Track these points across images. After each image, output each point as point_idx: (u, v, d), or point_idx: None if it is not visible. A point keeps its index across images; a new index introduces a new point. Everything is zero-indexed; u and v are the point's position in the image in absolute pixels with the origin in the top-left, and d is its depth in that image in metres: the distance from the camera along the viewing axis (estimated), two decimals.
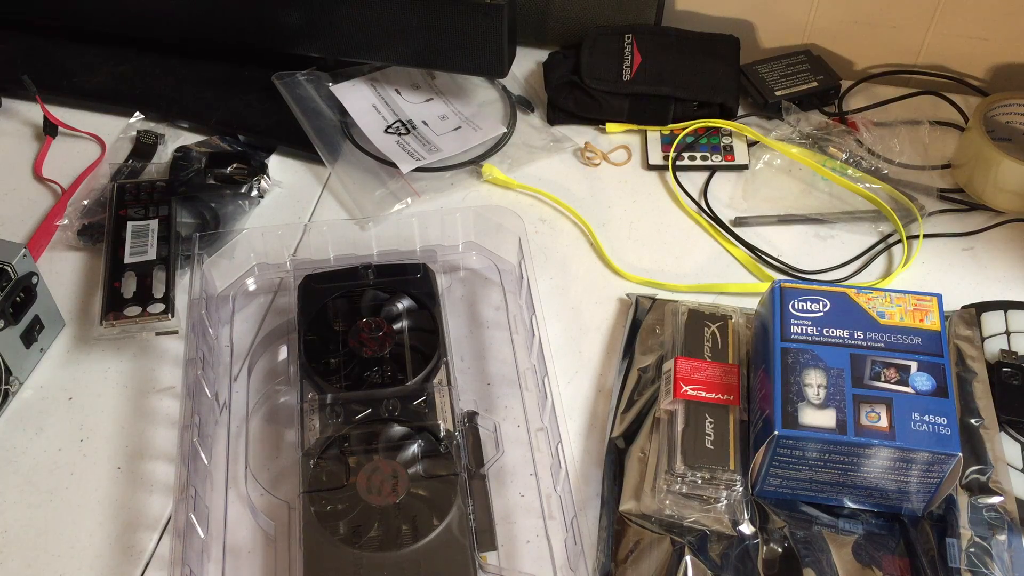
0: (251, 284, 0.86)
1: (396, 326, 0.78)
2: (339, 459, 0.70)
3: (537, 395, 0.77)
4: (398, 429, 0.72)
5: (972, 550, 0.67)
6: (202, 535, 0.69)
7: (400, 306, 0.80)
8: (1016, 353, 0.79)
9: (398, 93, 1.02)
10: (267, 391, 0.79)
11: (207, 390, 0.77)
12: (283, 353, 0.81)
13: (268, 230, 0.85)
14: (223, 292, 0.85)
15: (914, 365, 0.68)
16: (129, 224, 0.88)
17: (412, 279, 0.81)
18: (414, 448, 0.71)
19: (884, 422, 0.66)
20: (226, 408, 0.78)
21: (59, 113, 1.01)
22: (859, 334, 0.70)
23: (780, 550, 0.69)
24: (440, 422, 0.72)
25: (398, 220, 0.87)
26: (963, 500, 0.69)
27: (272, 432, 0.77)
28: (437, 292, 0.81)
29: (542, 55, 1.07)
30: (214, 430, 0.76)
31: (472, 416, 0.75)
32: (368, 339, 0.77)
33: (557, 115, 1.02)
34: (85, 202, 0.92)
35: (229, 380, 0.80)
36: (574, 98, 1.01)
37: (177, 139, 1.00)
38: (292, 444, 0.75)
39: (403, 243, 0.86)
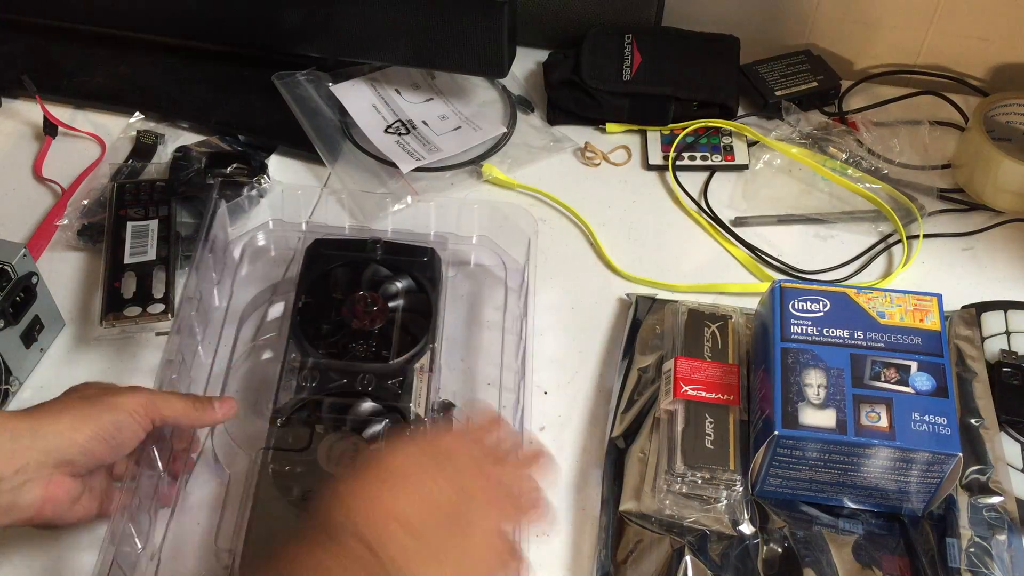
0: (262, 238, 0.87)
1: (391, 304, 0.78)
2: (307, 423, 0.71)
3: (514, 401, 0.76)
4: (370, 405, 0.72)
5: (972, 550, 0.67)
6: (162, 470, 0.69)
7: (399, 285, 0.80)
8: (1016, 353, 0.79)
9: (398, 93, 1.02)
10: (255, 345, 0.80)
11: (197, 331, 0.77)
12: (279, 311, 0.82)
13: (288, 189, 0.86)
14: (234, 239, 0.86)
15: (914, 365, 0.68)
16: (129, 224, 0.88)
17: (418, 261, 0.82)
18: (380, 426, 0.71)
19: (884, 422, 0.66)
20: (214, 354, 0.78)
21: (59, 113, 1.01)
22: (859, 334, 0.70)
23: (780, 550, 0.69)
24: (412, 405, 0.72)
25: (417, 204, 0.87)
26: (963, 500, 0.69)
27: (257, 390, 0.77)
28: (440, 279, 0.81)
29: (542, 55, 1.07)
30: (196, 371, 0.76)
31: (448, 406, 0.75)
32: (361, 312, 0.77)
33: (557, 115, 1.02)
34: (85, 202, 0.92)
35: (222, 325, 0.81)
36: (574, 98, 1.01)
37: (177, 139, 0.99)
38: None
39: (419, 226, 0.86)
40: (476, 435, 0.60)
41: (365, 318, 0.77)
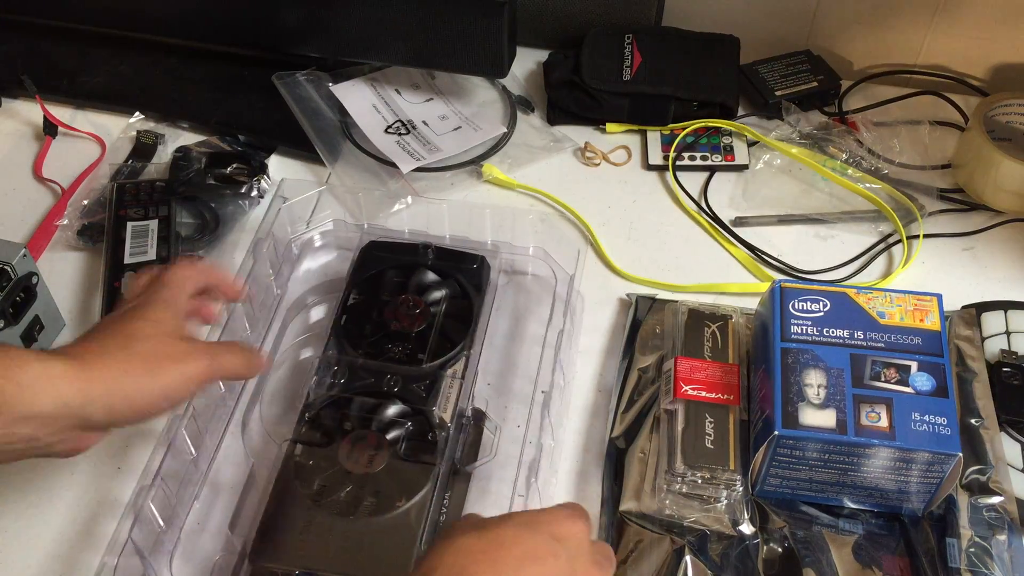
0: (319, 239, 0.87)
1: (433, 308, 0.79)
2: (334, 419, 0.72)
3: (541, 418, 0.75)
4: (397, 407, 0.72)
5: (972, 550, 0.67)
6: (193, 453, 0.71)
7: (443, 290, 0.80)
8: (1016, 353, 0.79)
9: (398, 93, 1.02)
10: (300, 340, 0.81)
11: (246, 323, 0.78)
12: (327, 309, 0.83)
13: (353, 190, 0.88)
14: (293, 238, 0.86)
15: (914, 365, 0.68)
16: (129, 224, 0.88)
17: (467, 268, 0.82)
18: (404, 429, 0.71)
19: (884, 422, 0.66)
20: (259, 347, 0.79)
21: (59, 113, 1.01)
22: (859, 334, 0.70)
23: (780, 550, 0.69)
24: (436, 409, 0.73)
25: (471, 210, 0.87)
26: (963, 500, 0.69)
27: (297, 384, 0.78)
28: (485, 286, 0.81)
29: (542, 55, 1.07)
30: None
31: (480, 415, 0.75)
32: (403, 315, 0.78)
33: (557, 115, 1.02)
34: (85, 202, 0.92)
35: (270, 319, 0.82)
36: (574, 98, 1.01)
37: (177, 139, 1.00)
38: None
39: (476, 233, 0.86)
40: (587, 521, 0.57)
41: (405, 320, 0.78)
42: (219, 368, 0.66)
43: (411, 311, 0.78)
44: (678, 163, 0.97)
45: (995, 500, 0.69)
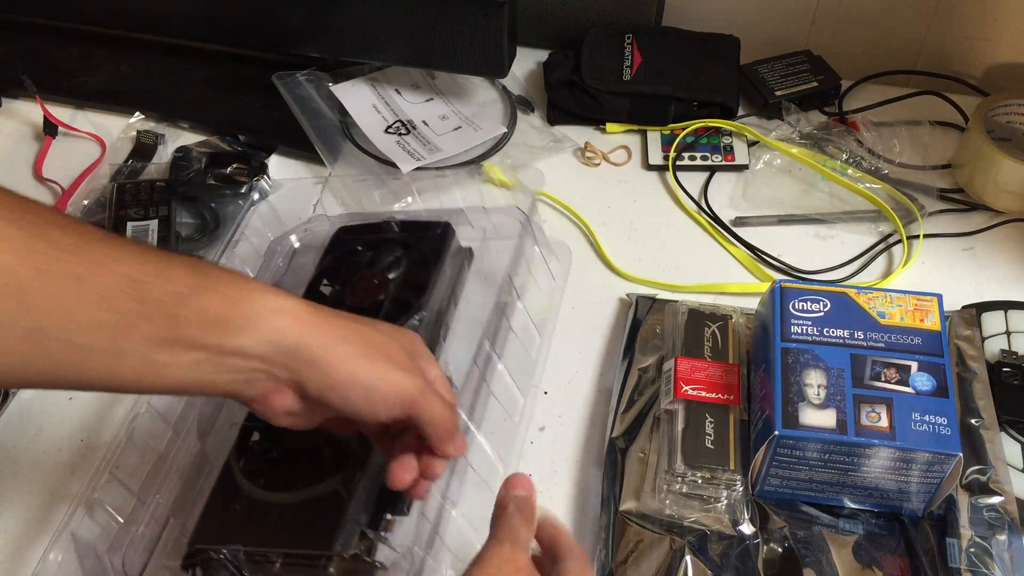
0: (305, 238, 0.86)
1: (391, 278, 0.78)
2: None
3: (493, 375, 0.73)
4: None
5: (972, 550, 0.67)
6: (154, 447, 0.71)
7: (401, 261, 0.80)
8: (1016, 353, 0.79)
9: (398, 93, 1.02)
10: None
11: None
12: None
13: (347, 180, 0.89)
14: (276, 237, 0.86)
15: (914, 365, 0.68)
16: (129, 224, 0.88)
17: (431, 236, 0.81)
18: None
19: (884, 422, 0.66)
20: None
21: (59, 113, 1.01)
22: (859, 334, 0.70)
23: (780, 550, 0.69)
24: None
25: (437, 180, 0.88)
26: (963, 500, 0.69)
27: None
28: (446, 252, 0.80)
29: (542, 55, 1.07)
30: None
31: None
32: (360, 289, 0.78)
33: (557, 115, 1.02)
34: (85, 202, 0.92)
35: None
36: (574, 98, 1.01)
37: (177, 139, 1.00)
38: None
39: (448, 202, 0.86)
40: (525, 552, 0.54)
41: (362, 294, 0.77)
42: (425, 405, 0.57)
43: (368, 285, 0.78)
44: (678, 163, 0.97)
45: (995, 500, 0.69)
